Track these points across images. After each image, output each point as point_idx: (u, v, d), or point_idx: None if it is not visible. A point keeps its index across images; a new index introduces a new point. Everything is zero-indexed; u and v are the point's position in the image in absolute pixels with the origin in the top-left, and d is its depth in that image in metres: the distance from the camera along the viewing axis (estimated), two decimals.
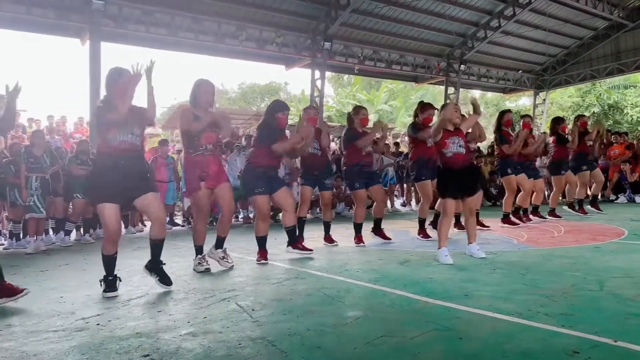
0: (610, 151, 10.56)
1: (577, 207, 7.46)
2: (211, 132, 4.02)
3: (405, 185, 11.33)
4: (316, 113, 5.29)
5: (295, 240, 4.67)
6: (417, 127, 5.43)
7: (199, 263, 4.10)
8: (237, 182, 8.83)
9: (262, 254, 4.42)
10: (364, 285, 3.35)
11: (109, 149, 3.30)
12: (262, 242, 4.46)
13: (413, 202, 11.18)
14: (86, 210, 6.93)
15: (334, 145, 13.38)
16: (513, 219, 6.47)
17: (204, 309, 2.88)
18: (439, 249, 4.16)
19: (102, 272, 4.15)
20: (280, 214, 9.20)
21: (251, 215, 8.97)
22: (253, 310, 2.80)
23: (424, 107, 5.50)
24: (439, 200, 5.05)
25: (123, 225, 8.08)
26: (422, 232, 5.60)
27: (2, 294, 3.11)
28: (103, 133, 3.34)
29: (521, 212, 6.65)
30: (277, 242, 5.30)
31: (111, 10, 10.95)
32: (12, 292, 3.13)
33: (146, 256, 3.67)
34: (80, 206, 6.80)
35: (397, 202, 11.55)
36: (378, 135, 5.24)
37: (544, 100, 20.84)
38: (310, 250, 4.65)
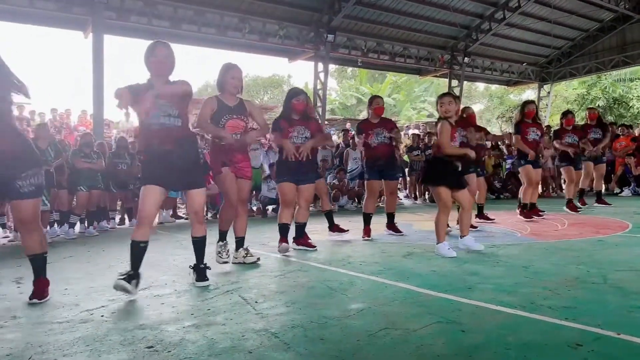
0: (617, 143, 10.50)
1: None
2: (238, 120, 3.82)
3: (408, 179, 11.31)
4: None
5: (301, 236, 4.66)
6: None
7: (219, 252, 3.95)
8: None
9: (283, 241, 4.49)
10: (366, 278, 3.36)
11: (148, 132, 3.08)
12: (284, 229, 4.50)
13: (417, 195, 11.17)
14: (90, 203, 6.96)
15: (336, 139, 13.38)
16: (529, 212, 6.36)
17: (207, 301, 2.89)
18: (438, 243, 4.14)
19: (107, 265, 4.14)
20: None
21: (254, 208, 8.98)
22: (256, 302, 2.81)
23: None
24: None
25: (127, 218, 8.12)
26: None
27: (37, 288, 3.00)
28: (140, 116, 3.07)
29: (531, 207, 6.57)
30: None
31: (113, 2, 10.93)
32: (41, 293, 3.01)
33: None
34: (84, 199, 6.82)
35: (401, 195, 11.55)
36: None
37: (549, 93, 20.72)
38: (314, 247, 4.62)
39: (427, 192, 11.10)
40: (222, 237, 4.05)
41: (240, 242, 4.08)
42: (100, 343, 2.22)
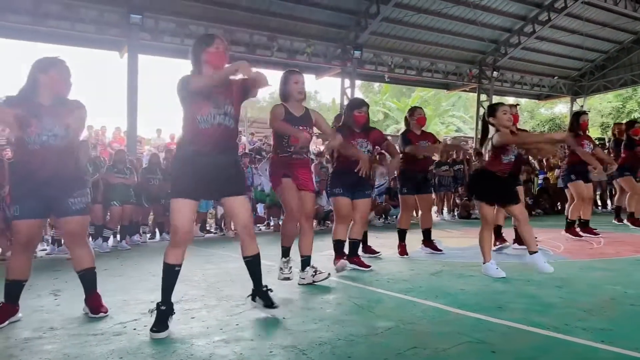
0: None
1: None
2: (303, 131, 3.55)
3: (435, 195, 11.17)
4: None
5: (355, 255, 4.43)
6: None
7: (281, 269, 3.74)
8: (268, 188, 8.97)
9: (339, 258, 4.21)
10: (394, 296, 3.33)
11: (198, 133, 2.70)
12: (340, 246, 4.25)
13: (445, 211, 11.04)
14: (123, 218, 7.16)
15: None
16: (577, 230, 6.12)
17: (236, 316, 2.93)
18: (484, 263, 3.92)
19: (139, 278, 4.22)
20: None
21: (281, 223, 9.03)
22: (284, 318, 2.83)
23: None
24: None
25: (158, 232, 8.28)
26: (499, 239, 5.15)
27: (92, 304, 3.05)
28: (190, 112, 2.71)
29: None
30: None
31: (148, 23, 11.35)
32: (98, 308, 3.03)
33: None
34: (117, 213, 7.03)
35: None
36: (436, 155, 4.84)
37: (582, 106, 20.21)
38: (369, 266, 4.36)
39: (456, 208, 10.95)
40: (285, 253, 3.81)
41: (306, 261, 3.81)
42: (133, 356, 2.28)
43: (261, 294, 2.93)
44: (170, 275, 2.72)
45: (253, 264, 2.94)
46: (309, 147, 3.79)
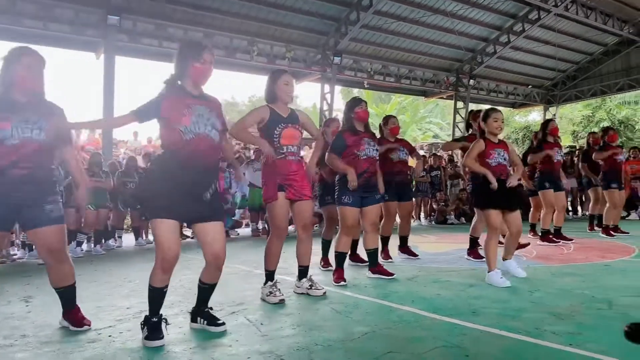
0: (627, 166, 10.40)
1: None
2: (293, 129, 3.43)
3: (413, 200, 11.31)
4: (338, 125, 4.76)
5: (375, 264, 4.29)
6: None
7: (270, 292, 3.42)
8: (246, 191, 8.95)
9: (340, 274, 4.04)
10: (372, 301, 3.37)
11: (180, 144, 2.55)
12: (341, 259, 4.11)
13: (422, 217, 11.19)
14: (97, 222, 7.03)
15: None
16: (552, 237, 6.26)
17: None
18: (489, 271, 3.89)
19: (114, 284, 4.16)
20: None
21: (259, 228, 9.01)
22: (262, 324, 2.83)
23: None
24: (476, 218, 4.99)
25: (134, 237, 8.15)
26: (473, 252, 5.15)
27: (73, 318, 2.88)
28: (169, 124, 2.57)
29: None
30: (287, 256, 5.32)
31: (126, 25, 11.20)
32: (80, 321, 2.87)
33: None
34: (92, 217, 6.90)
35: None
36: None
37: (554, 115, 20.79)
38: (392, 274, 4.20)
39: (433, 214, 11.11)
40: (270, 277, 3.53)
41: (303, 271, 3.68)
42: None
43: (204, 315, 2.79)
44: (158, 296, 2.60)
45: (207, 291, 2.82)
46: (300, 146, 3.65)
